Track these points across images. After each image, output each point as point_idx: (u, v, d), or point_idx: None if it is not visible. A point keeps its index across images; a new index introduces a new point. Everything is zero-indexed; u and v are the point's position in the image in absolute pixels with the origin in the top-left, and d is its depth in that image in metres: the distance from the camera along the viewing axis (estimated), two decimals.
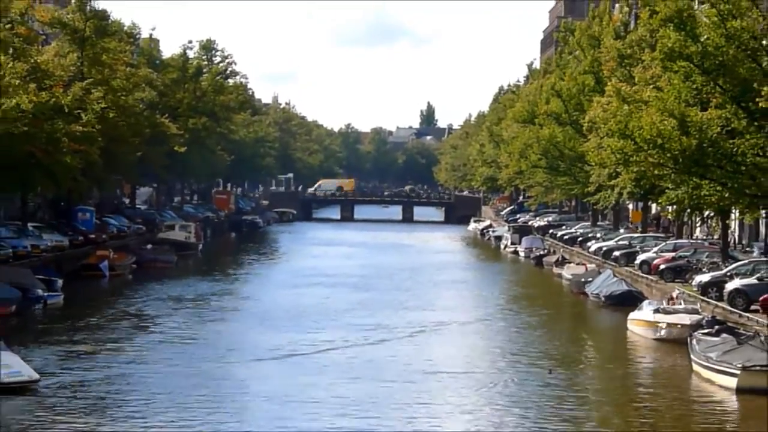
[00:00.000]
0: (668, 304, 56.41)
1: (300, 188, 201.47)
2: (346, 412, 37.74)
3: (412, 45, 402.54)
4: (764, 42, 53.99)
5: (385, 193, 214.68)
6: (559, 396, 43.56)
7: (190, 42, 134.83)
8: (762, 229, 70.93)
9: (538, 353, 53.86)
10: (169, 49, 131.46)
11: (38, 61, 72.17)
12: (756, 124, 49.58)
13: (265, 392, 40.72)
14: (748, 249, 41.12)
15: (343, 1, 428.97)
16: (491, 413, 39.13)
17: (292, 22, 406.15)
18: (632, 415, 41.10)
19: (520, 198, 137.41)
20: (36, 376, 39.41)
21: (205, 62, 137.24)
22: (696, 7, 59.77)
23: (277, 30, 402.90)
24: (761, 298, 48.44)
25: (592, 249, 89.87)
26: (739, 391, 39.94)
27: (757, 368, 40.64)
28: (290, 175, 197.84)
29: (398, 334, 55.86)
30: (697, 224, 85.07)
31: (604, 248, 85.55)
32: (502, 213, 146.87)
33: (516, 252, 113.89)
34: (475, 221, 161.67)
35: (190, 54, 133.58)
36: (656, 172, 59.86)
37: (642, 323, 56.18)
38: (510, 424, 37.62)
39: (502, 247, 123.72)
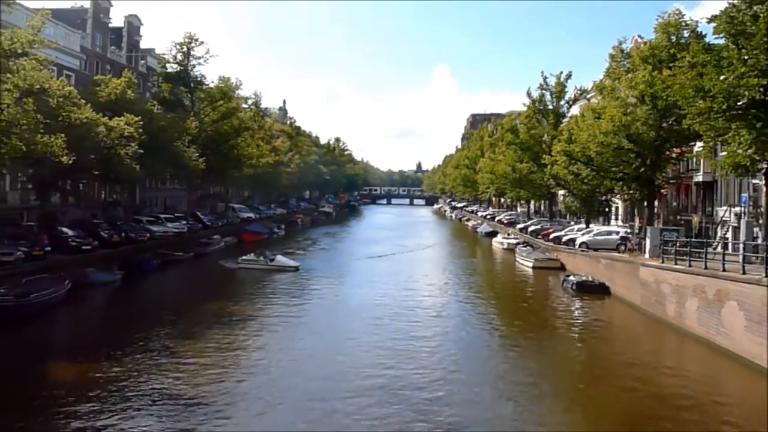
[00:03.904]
0: (507, 236, 55.85)
1: (371, 192, 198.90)
2: (395, 275, 38.14)
3: (414, 137, 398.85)
4: (543, 139, 52.80)
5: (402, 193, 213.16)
6: (467, 266, 44.65)
7: (330, 138, 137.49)
8: (542, 209, 71.13)
9: (461, 254, 54.34)
10: (323, 139, 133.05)
11: (275, 145, 72.94)
12: (541, 170, 49.62)
13: (367, 271, 40.07)
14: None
15: (387, 116, 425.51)
16: (447, 275, 39.44)
17: (366, 126, 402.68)
18: (491, 276, 42.04)
19: (453, 195, 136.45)
20: (299, 264, 38.70)
21: (337, 144, 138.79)
22: (518, 123, 59.63)
23: (360, 129, 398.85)
24: (542, 233, 48.10)
25: (479, 215, 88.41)
26: (533, 268, 40.17)
27: (541, 259, 41.25)
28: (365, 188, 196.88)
29: (410, 248, 54.01)
30: (519, 205, 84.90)
31: (484, 214, 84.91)
32: (447, 201, 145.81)
33: (451, 217, 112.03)
34: (436, 205, 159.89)
35: (331, 141, 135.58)
36: (503, 187, 60.42)
37: (498, 243, 55.89)
38: (456, 268, 39.80)
39: (446, 214, 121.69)
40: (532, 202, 68.71)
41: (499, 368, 19.19)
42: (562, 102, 53.62)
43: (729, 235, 32.33)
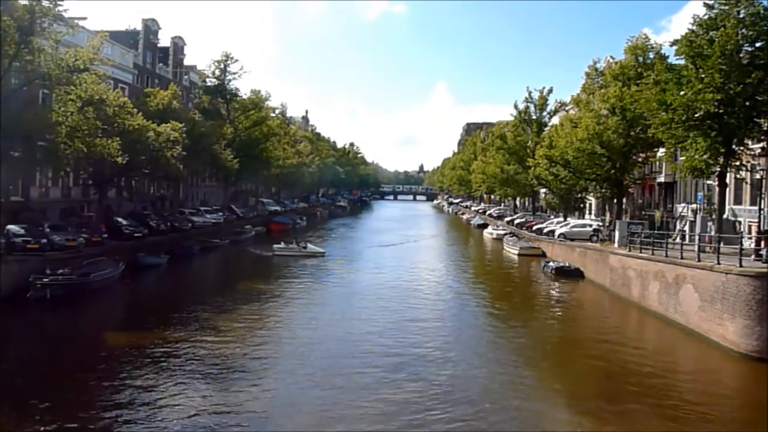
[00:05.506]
0: (496, 227, 55.13)
1: (382, 189, 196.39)
2: (402, 261, 37.93)
3: (418, 144, 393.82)
4: (527, 145, 51.69)
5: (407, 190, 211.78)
6: (462, 253, 44.47)
7: (345, 143, 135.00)
8: (526, 204, 69.88)
9: (457, 242, 53.81)
10: (340, 144, 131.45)
11: (298, 149, 72.27)
12: (525, 171, 48.88)
13: (379, 257, 39.23)
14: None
15: (394, 126, 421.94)
16: (446, 261, 39.43)
17: (376, 134, 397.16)
18: (483, 261, 41.58)
19: (450, 192, 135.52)
20: (324, 250, 37.99)
21: (352, 148, 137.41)
22: (506, 131, 58.92)
23: (371, 136, 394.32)
24: (526, 225, 47.01)
25: (472, 209, 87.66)
26: (519, 255, 39.88)
27: (525, 247, 40.90)
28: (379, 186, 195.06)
29: (414, 238, 52.79)
30: (507, 201, 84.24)
31: (476, 209, 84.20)
32: (445, 197, 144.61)
33: (448, 211, 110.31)
34: (436, 201, 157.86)
35: (347, 146, 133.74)
36: (493, 185, 59.57)
37: (488, 233, 55.26)
38: (453, 255, 39.65)
39: (444, 209, 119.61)
40: (518, 199, 68.29)
41: (488, 336, 19.30)
42: (544, 113, 53.28)
43: (686, 228, 32.13)
